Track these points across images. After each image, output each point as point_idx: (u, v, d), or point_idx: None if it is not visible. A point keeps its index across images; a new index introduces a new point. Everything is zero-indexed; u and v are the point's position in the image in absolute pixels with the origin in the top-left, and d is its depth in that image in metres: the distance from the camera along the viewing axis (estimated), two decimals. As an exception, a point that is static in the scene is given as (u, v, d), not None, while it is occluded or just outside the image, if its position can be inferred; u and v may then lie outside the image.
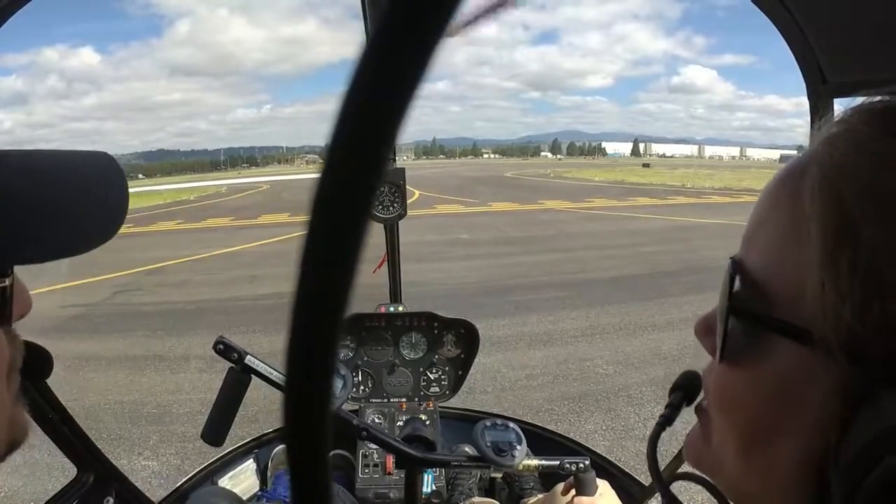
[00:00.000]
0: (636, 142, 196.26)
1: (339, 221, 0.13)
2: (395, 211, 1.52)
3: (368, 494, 1.43)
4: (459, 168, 59.02)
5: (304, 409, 0.16)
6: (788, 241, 0.26)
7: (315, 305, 0.14)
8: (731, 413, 0.29)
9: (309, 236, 0.14)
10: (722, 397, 0.30)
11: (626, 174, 39.38)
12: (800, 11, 0.71)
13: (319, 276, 0.14)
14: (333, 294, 0.14)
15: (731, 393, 0.29)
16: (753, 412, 0.28)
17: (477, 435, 0.92)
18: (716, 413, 0.31)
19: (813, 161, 0.26)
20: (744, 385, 0.28)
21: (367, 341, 1.62)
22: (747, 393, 0.28)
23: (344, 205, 0.13)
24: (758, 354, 0.27)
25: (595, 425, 3.15)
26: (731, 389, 0.29)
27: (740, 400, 0.28)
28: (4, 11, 0.70)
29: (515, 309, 5.27)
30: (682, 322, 4.77)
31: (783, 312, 0.25)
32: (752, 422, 0.28)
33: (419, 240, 9.01)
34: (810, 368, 0.24)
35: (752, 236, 0.29)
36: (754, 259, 0.28)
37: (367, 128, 0.13)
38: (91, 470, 1.04)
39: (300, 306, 0.14)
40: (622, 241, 9.53)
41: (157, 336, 4.79)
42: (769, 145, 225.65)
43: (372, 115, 0.13)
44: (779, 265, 0.27)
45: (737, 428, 0.29)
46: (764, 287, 0.27)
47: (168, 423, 3.28)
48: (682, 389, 0.40)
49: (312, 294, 0.14)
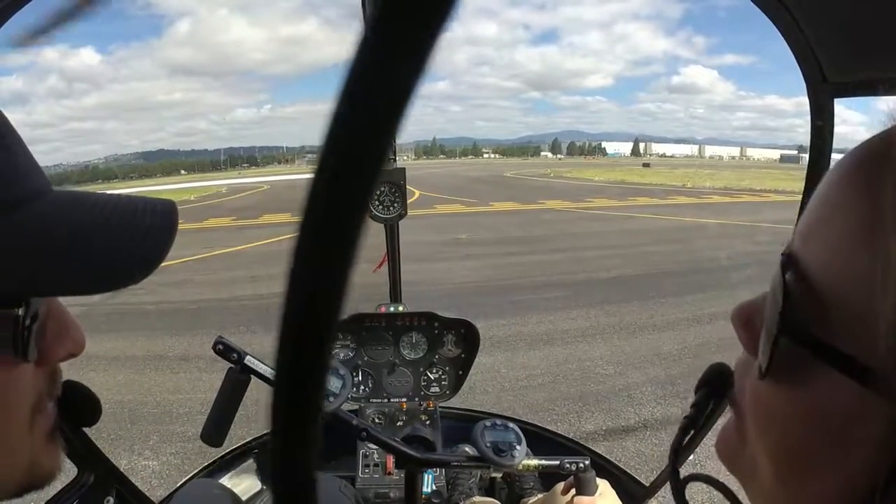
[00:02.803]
0: (636, 142, 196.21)
1: (334, 226, 0.13)
2: (395, 211, 1.52)
3: (368, 494, 1.43)
4: (460, 168, 59.02)
5: (291, 420, 0.15)
6: (860, 245, 0.21)
7: (307, 310, 0.14)
8: (767, 434, 0.26)
9: (303, 241, 0.13)
10: (758, 413, 0.27)
11: (626, 174, 39.36)
12: (800, 11, 0.71)
13: (313, 279, 0.14)
14: (327, 299, 0.14)
15: (771, 412, 0.25)
16: (792, 440, 0.24)
17: (477, 435, 0.92)
18: (751, 425, 0.27)
19: (884, 158, 0.22)
20: (785, 407, 0.24)
21: (367, 341, 1.62)
22: (788, 417, 0.24)
23: (340, 206, 0.13)
24: (806, 378, 0.23)
25: (595, 425, 3.15)
26: (770, 408, 0.25)
27: (779, 423, 0.25)
28: (4, 11, 0.70)
29: (515, 309, 5.26)
30: (682, 322, 4.77)
31: (843, 340, 0.21)
32: (790, 450, 0.24)
33: (419, 240, 9.01)
34: (865, 404, 0.21)
35: (813, 231, 0.24)
36: (814, 259, 0.23)
37: (365, 127, 0.12)
38: (91, 470, 1.04)
39: (291, 310, 0.14)
40: (622, 241, 9.53)
41: (157, 336, 4.79)
42: (769, 145, 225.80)
43: (370, 112, 0.12)
44: (845, 272, 0.22)
45: (772, 451, 0.26)
46: (822, 297, 0.22)
47: (168, 423, 3.28)
48: (709, 386, 0.36)
49: (305, 298, 0.14)
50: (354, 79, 0.12)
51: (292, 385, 0.15)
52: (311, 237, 0.13)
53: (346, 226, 0.13)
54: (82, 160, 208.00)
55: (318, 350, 0.14)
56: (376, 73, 0.12)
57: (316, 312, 0.14)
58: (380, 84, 0.12)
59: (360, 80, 0.12)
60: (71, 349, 0.40)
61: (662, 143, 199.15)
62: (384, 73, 0.12)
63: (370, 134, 0.12)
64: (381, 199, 1.51)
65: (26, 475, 0.38)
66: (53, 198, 0.36)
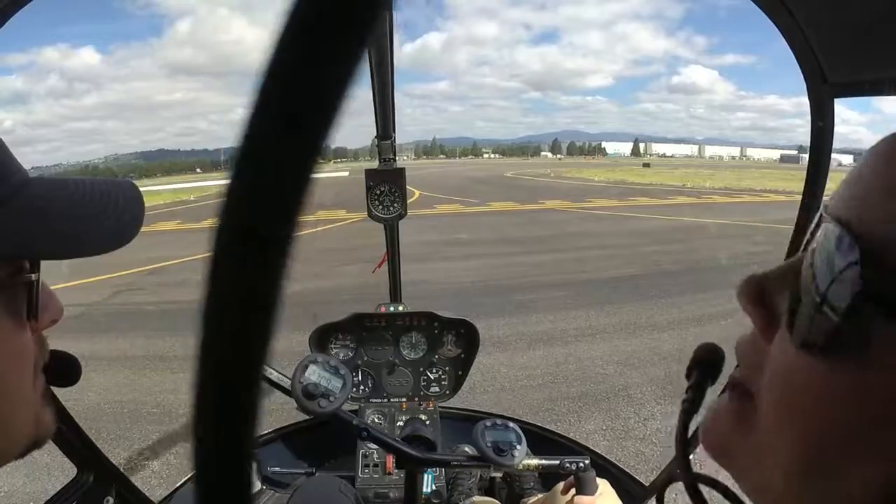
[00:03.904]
0: (636, 142, 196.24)
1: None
2: (395, 210, 1.52)
3: (368, 494, 1.43)
4: (460, 168, 59.01)
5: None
6: None
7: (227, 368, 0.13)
8: (802, 419, 0.22)
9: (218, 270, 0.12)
10: (793, 393, 0.23)
11: (626, 174, 39.36)
12: (800, 11, 0.71)
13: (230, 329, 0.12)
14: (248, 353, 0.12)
15: (810, 391, 0.22)
16: (841, 416, 0.21)
17: (477, 435, 0.92)
18: (773, 411, 0.24)
19: None
20: (833, 385, 0.21)
21: (367, 341, 1.62)
22: (834, 397, 0.21)
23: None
24: (862, 345, 0.20)
25: (595, 425, 3.15)
26: (811, 386, 0.22)
27: (822, 404, 0.21)
28: (4, 11, 0.70)
29: (515, 309, 5.26)
30: (682, 322, 4.77)
31: None
32: (837, 428, 0.21)
33: (419, 239, 9.01)
34: None
35: (868, 201, 0.22)
36: (869, 227, 0.21)
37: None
38: (91, 470, 1.04)
39: (206, 369, 0.13)
40: (622, 241, 9.52)
41: (157, 336, 4.79)
42: (769, 145, 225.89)
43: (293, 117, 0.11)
44: None
45: (802, 439, 0.22)
46: (884, 261, 0.20)
47: (168, 423, 3.27)
48: (703, 365, 0.33)
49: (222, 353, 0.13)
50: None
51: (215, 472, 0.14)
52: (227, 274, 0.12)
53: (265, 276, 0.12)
54: (82, 160, 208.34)
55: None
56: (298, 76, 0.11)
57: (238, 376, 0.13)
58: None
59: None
60: (54, 315, 0.46)
61: (662, 144, 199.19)
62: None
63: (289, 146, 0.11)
64: (381, 199, 1.51)
65: (34, 428, 0.44)
66: (39, 183, 0.42)
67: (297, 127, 0.11)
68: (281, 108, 0.11)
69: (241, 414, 0.13)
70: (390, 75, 1.27)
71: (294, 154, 0.11)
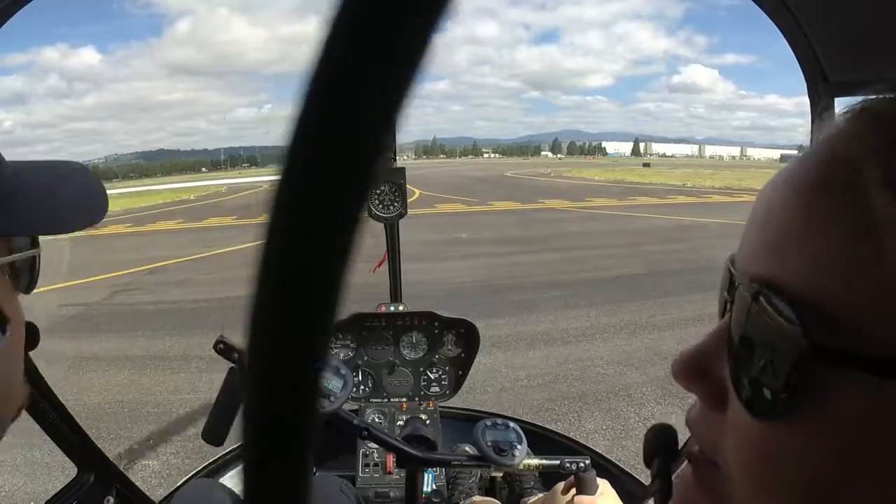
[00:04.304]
0: (636, 141, 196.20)
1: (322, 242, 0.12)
2: (395, 210, 1.52)
3: (369, 494, 1.43)
4: (460, 167, 59.02)
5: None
6: (852, 251, 0.20)
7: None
8: (780, 480, 0.22)
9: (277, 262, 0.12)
10: (762, 462, 0.23)
11: (626, 174, 39.37)
12: (800, 11, 0.71)
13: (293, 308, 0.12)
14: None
15: (778, 456, 0.22)
16: (816, 473, 0.21)
17: (477, 434, 0.92)
18: (743, 479, 0.24)
19: (866, 153, 0.21)
20: (800, 443, 0.21)
21: (367, 341, 1.62)
22: (806, 452, 0.21)
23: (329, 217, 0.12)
24: (817, 399, 0.20)
25: (595, 425, 3.15)
26: (777, 451, 0.22)
27: (795, 462, 0.22)
28: (4, 11, 0.70)
29: (515, 308, 5.27)
30: (682, 322, 4.78)
31: (853, 341, 0.20)
32: (815, 485, 0.21)
33: (419, 239, 9.01)
34: (890, 405, 0.19)
35: (787, 249, 0.22)
36: (796, 277, 0.22)
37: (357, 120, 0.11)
38: (91, 469, 1.04)
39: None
40: (622, 241, 9.53)
41: (157, 336, 4.79)
42: (769, 145, 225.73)
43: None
44: (841, 283, 0.20)
45: (788, 495, 0.22)
46: (819, 310, 0.20)
47: (168, 423, 3.28)
48: (663, 452, 0.34)
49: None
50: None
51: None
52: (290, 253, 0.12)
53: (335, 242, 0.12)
54: (82, 160, 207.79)
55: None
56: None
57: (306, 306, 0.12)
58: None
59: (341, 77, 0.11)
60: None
61: (662, 143, 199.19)
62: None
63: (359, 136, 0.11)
64: (381, 199, 1.51)
65: (22, 397, 0.48)
66: (16, 166, 0.46)
67: (356, 124, 0.11)
68: (335, 103, 0.11)
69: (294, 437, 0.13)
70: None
71: (354, 153, 0.11)
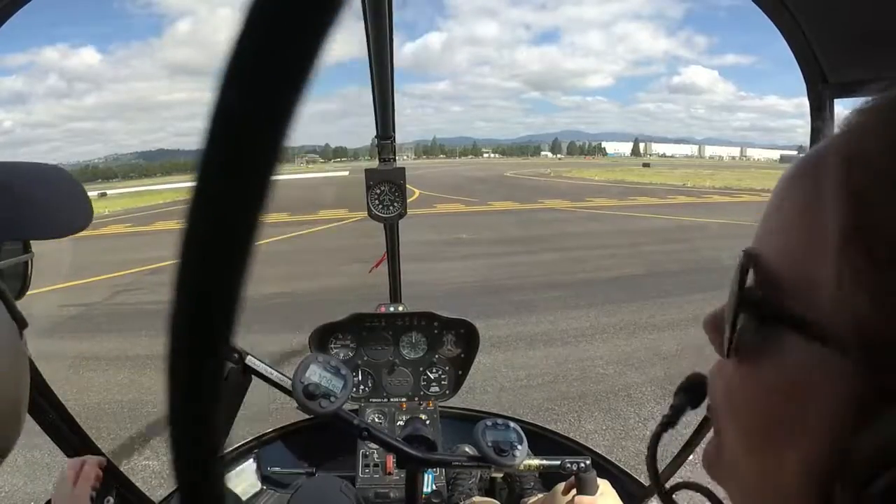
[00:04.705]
0: (636, 142, 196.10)
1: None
2: (395, 210, 1.52)
3: (369, 494, 1.43)
4: (460, 167, 58.99)
5: None
6: (802, 231, 0.25)
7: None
8: (737, 412, 0.28)
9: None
10: (729, 396, 0.29)
11: (626, 174, 39.36)
12: (800, 12, 0.71)
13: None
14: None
15: (738, 391, 0.28)
16: (760, 411, 0.26)
17: (478, 435, 0.92)
18: (723, 413, 0.30)
19: (830, 150, 0.25)
20: (751, 382, 0.27)
21: (367, 341, 1.62)
22: (755, 391, 0.27)
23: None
24: (767, 350, 0.26)
25: (595, 425, 3.15)
26: (738, 387, 0.28)
27: (747, 398, 0.27)
28: (4, 11, 0.70)
29: (515, 309, 5.26)
30: (682, 322, 4.77)
31: (795, 305, 0.24)
32: (760, 421, 0.27)
33: (419, 239, 9.01)
34: (823, 367, 0.23)
35: (766, 228, 0.29)
36: (768, 251, 0.27)
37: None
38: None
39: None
40: (622, 241, 9.52)
41: (158, 336, 4.79)
42: (769, 145, 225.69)
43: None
44: (793, 256, 0.25)
45: (744, 428, 0.28)
46: (777, 279, 0.26)
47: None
48: (686, 392, 0.38)
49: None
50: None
51: None
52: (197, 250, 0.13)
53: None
54: (82, 160, 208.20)
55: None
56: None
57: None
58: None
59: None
60: None
61: (662, 144, 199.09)
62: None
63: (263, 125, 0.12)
64: (380, 199, 1.51)
65: None
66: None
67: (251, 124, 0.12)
68: (238, 107, 0.12)
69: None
70: (390, 75, 1.27)
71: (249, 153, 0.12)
